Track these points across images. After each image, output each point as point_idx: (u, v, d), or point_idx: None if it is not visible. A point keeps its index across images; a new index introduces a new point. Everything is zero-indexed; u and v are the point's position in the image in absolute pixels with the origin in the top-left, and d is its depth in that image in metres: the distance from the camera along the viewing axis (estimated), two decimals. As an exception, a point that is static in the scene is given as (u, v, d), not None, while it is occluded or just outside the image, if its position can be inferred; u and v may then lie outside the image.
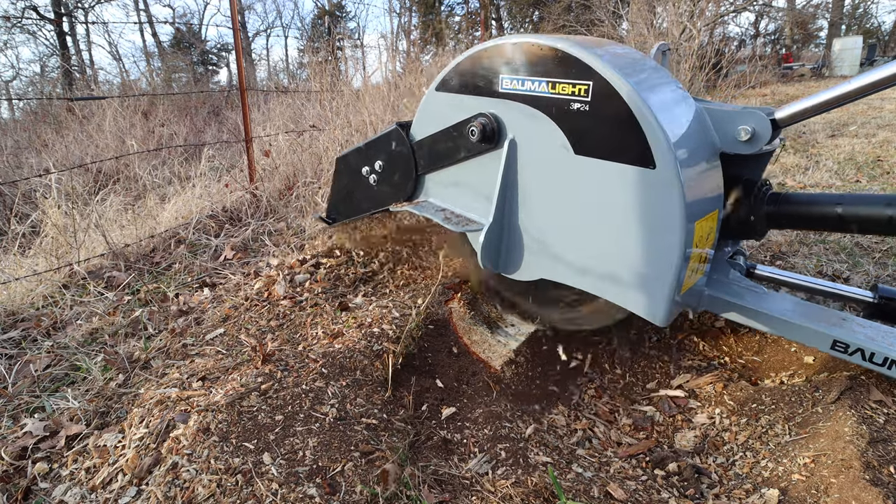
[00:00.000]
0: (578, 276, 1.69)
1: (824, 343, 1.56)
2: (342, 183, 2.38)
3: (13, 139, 7.73)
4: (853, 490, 1.28)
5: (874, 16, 32.44)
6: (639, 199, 1.47)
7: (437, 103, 1.93)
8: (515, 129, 1.72)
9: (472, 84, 1.80)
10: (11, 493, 1.41)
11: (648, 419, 1.85)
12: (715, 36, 11.91)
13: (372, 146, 2.18)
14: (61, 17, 20.10)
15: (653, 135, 1.40)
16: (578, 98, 1.52)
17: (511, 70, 1.68)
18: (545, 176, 1.69)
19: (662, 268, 1.47)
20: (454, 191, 1.99)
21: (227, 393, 1.62)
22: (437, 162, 2.00)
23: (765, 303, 1.68)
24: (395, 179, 2.14)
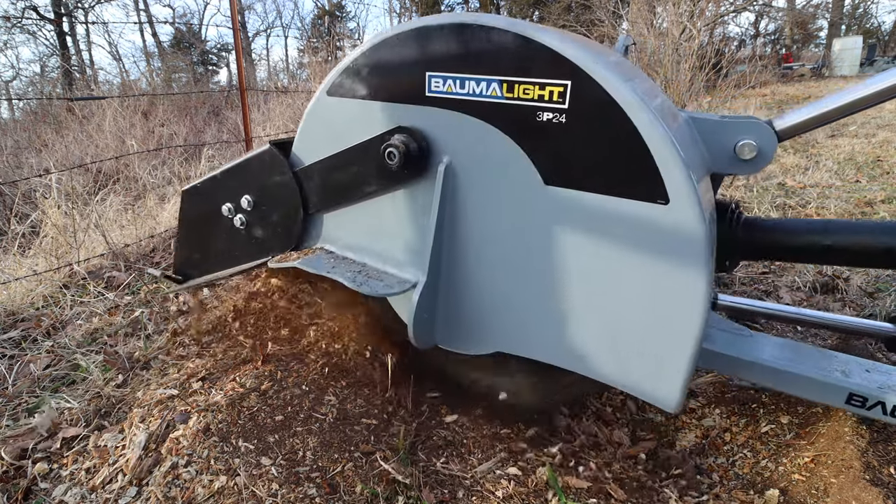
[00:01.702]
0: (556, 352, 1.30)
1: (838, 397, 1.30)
2: (195, 226, 1.74)
3: (13, 139, 7.73)
4: (853, 490, 1.28)
5: (874, 16, 32.46)
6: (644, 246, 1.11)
7: (332, 114, 1.40)
8: (453, 150, 1.26)
9: (384, 86, 1.30)
10: (11, 493, 1.41)
11: (649, 420, 1.85)
12: (715, 36, 11.92)
13: (235, 175, 1.57)
14: (61, 17, 20.11)
15: (665, 156, 1.04)
16: (549, 105, 1.11)
17: (443, 65, 1.20)
18: (501, 214, 1.26)
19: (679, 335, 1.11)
20: (365, 237, 1.47)
21: (227, 393, 1.62)
22: (336, 197, 1.46)
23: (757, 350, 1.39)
24: (272, 222, 1.56)
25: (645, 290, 1.14)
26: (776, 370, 1.35)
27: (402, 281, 1.38)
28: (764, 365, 1.36)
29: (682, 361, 1.13)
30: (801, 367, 1.34)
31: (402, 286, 1.36)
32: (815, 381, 1.32)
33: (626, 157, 1.08)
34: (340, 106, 1.38)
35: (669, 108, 1.25)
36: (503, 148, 1.20)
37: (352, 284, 1.36)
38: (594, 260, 1.18)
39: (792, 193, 4.03)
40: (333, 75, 1.38)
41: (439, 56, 1.21)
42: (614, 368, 1.23)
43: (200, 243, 1.76)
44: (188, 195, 1.71)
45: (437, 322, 1.44)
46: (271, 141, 1.53)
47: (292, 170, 1.50)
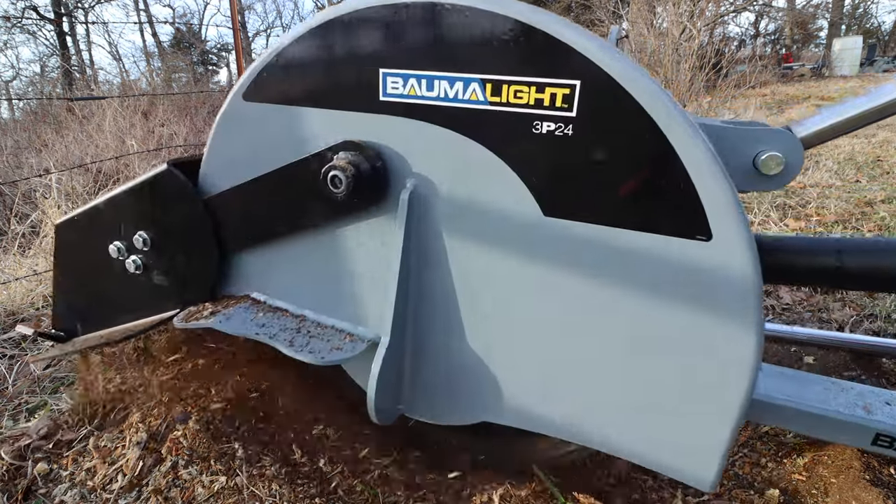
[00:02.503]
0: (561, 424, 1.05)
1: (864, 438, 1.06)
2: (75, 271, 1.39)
3: (13, 139, 7.73)
4: (853, 490, 1.28)
5: (874, 16, 32.48)
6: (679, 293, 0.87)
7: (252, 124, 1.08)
8: (419, 172, 0.98)
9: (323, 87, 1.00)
10: (11, 493, 1.41)
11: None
12: (715, 36, 11.92)
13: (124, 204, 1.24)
14: (61, 17, 20.12)
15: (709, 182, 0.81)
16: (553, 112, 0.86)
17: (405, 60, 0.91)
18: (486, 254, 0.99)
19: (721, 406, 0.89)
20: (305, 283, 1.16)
21: (227, 393, 1.62)
22: (261, 233, 1.15)
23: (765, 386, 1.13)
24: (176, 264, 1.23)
25: (680, 349, 0.90)
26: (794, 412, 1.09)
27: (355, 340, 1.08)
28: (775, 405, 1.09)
29: (723, 436, 0.91)
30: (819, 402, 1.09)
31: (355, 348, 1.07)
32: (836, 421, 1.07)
33: (655, 181, 0.84)
34: (263, 114, 1.05)
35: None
36: (488, 169, 0.92)
37: (289, 350, 1.08)
38: (612, 312, 0.93)
39: (792, 193, 4.03)
40: (251, 73, 1.04)
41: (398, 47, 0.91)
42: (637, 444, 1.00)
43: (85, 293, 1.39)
44: (63, 230, 1.34)
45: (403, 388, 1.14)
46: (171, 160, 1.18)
47: (201, 197, 1.16)
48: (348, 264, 1.09)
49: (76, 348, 1.48)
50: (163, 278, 1.26)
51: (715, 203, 0.81)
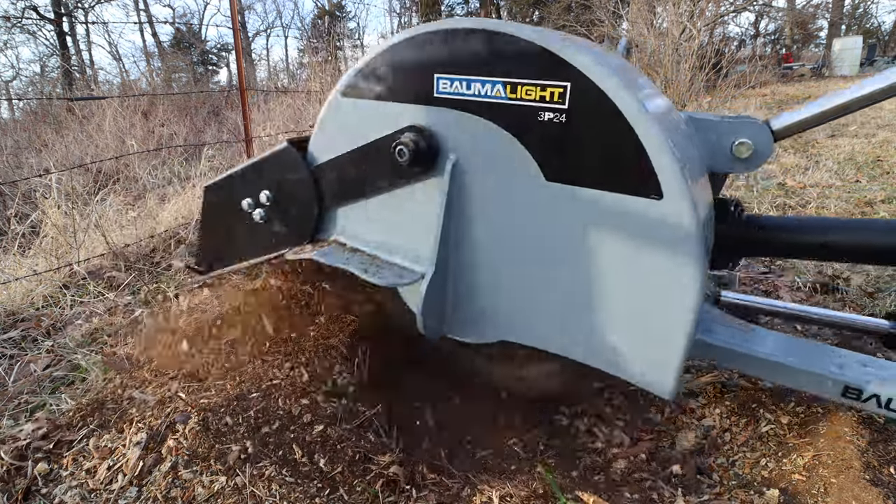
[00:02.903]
0: (556, 340, 1.34)
1: (835, 390, 1.31)
2: (216, 220, 1.80)
3: (13, 139, 7.73)
4: (853, 490, 1.28)
5: (874, 16, 32.46)
6: (639, 240, 1.15)
7: (347, 114, 1.45)
8: (460, 148, 1.31)
9: (395, 87, 1.36)
10: (11, 493, 1.41)
11: (649, 420, 1.85)
12: (715, 36, 11.92)
13: (254, 171, 1.64)
14: (61, 17, 20.11)
15: (659, 154, 1.08)
16: (551, 105, 1.16)
17: (451, 67, 1.26)
18: (505, 209, 1.30)
19: (672, 326, 1.16)
20: (376, 230, 1.51)
21: (227, 393, 1.62)
22: (349, 192, 1.51)
23: (756, 344, 1.40)
24: (290, 216, 1.62)
25: (641, 281, 1.18)
26: (773, 363, 1.37)
27: (411, 272, 1.43)
28: (761, 358, 1.38)
29: (676, 350, 1.18)
30: (798, 360, 1.36)
31: (412, 277, 1.41)
32: (811, 374, 1.33)
33: (622, 155, 1.13)
34: (354, 106, 1.44)
35: (668, 108, 1.28)
36: (507, 146, 1.25)
37: (363, 275, 1.42)
38: (592, 252, 1.22)
39: (792, 193, 4.03)
40: (347, 77, 1.44)
41: (446, 59, 1.27)
42: (612, 357, 1.27)
43: (222, 237, 1.82)
44: (209, 191, 1.77)
45: (445, 312, 1.48)
46: (289, 140, 1.57)
47: (308, 167, 1.55)
48: (407, 216, 1.43)
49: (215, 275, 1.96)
50: (279, 225, 1.65)
51: (665, 172, 1.09)
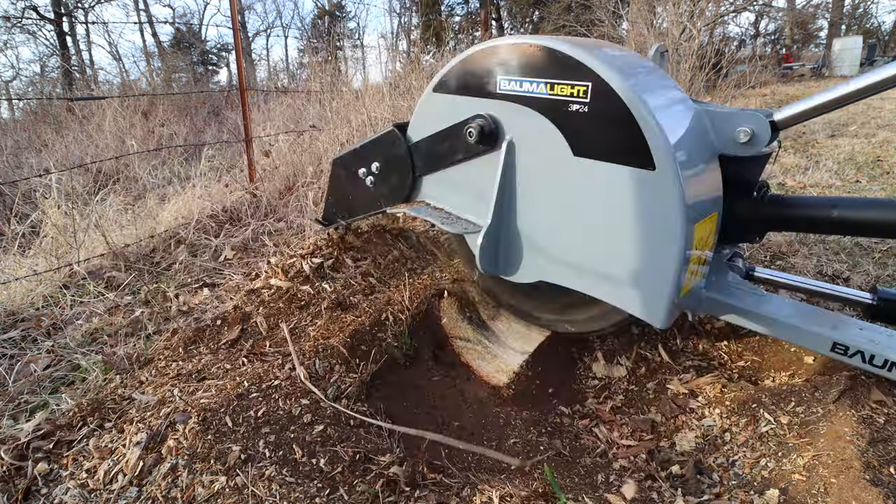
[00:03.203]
0: (577, 279, 1.67)
1: (824, 345, 1.54)
2: (339, 185, 2.35)
3: (13, 139, 7.73)
4: (853, 490, 1.28)
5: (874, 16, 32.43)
6: (638, 202, 1.45)
7: (435, 105, 1.89)
8: (513, 131, 1.70)
9: (469, 85, 1.77)
10: (11, 493, 1.41)
11: (649, 420, 1.85)
12: (715, 36, 11.92)
13: (368, 148, 2.14)
14: (61, 17, 20.11)
15: (652, 136, 1.39)
16: (577, 99, 1.51)
17: (508, 71, 1.65)
18: (544, 177, 1.67)
19: (662, 270, 1.45)
20: (452, 192, 1.95)
21: (227, 393, 1.62)
22: (434, 163, 1.96)
23: (764, 305, 1.65)
24: (392, 181, 2.11)
25: (641, 234, 1.48)
26: (775, 320, 1.61)
27: (474, 225, 1.86)
28: (767, 317, 1.62)
29: (667, 288, 1.47)
30: (798, 320, 1.59)
31: (474, 228, 1.84)
32: (805, 331, 1.57)
33: (626, 136, 1.43)
34: (441, 99, 1.87)
35: (672, 100, 1.53)
36: (546, 129, 1.60)
37: (441, 225, 1.90)
38: (606, 210, 1.54)
39: (792, 193, 4.03)
40: (438, 77, 1.88)
41: (506, 65, 1.66)
42: (620, 293, 1.58)
43: (342, 198, 2.38)
44: (336, 163, 2.32)
45: (497, 256, 1.84)
46: (394, 123, 2.06)
47: (406, 144, 2.02)
48: (473, 182, 1.85)
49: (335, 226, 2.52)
50: (384, 189, 2.16)
51: (657, 150, 1.39)
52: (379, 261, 2.70)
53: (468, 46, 1.90)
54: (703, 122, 1.54)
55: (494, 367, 2.02)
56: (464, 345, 2.10)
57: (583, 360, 2.16)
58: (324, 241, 2.66)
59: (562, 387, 2.03)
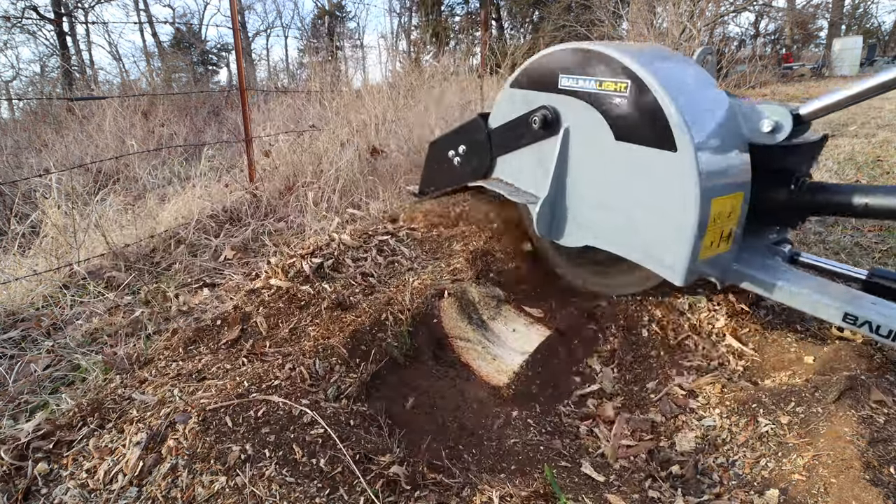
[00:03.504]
0: (615, 243, 1.97)
1: (836, 315, 1.68)
2: (433, 164, 2.80)
3: (13, 139, 7.72)
4: (853, 490, 1.28)
5: (874, 16, 32.43)
6: (663, 178, 1.72)
7: (511, 97, 2.23)
8: (570, 119, 2.00)
9: (537, 81, 2.10)
10: (11, 494, 1.41)
11: (649, 420, 1.85)
12: (715, 36, 11.91)
13: (457, 133, 2.58)
14: (61, 17, 20.10)
15: (675, 124, 1.65)
16: (619, 93, 1.80)
17: (568, 71, 1.97)
18: (591, 158, 1.97)
19: (681, 235, 1.70)
20: (519, 170, 2.31)
21: (227, 393, 1.62)
22: (507, 146, 2.33)
23: (785, 278, 1.82)
24: (474, 161, 2.51)
25: (665, 205, 1.73)
26: (791, 290, 1.77)
27: (534, 196, 2.18)
28: (781, 286, 1.79)
29: (685, 250, 1.70)
30: (813, 291, 1.74)
31: (535, 199, 2.15)
32: (818, 301, 1.71)
33: (656, 124, 1.70)
34: (515, 93, 2.20)
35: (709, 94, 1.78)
36: (596, 119, 1.88)
37: (508, 195, 2.27)
38: (639, 184, 1.80)
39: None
40: (514, 75, 2.20)
41: (566, 65, 1.97)
42: (648, 254, 1.85)
43: (435, 174, 2.80)
44: (432, 146, 2.77)
45: (552, 223, 2.15)
46: (479, 113, 2.42)
47: (487, 130, 2.37)
48: (536, 162, 2.18)
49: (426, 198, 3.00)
50: (468, 168, 2.55)
51: (679, 136, 1.65)
52: (379, 260, 2.70)
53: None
54: (735, 113, 1.77)
55: (494, 367, 2.02)
56: (464, 345, 2.10)
57: (583, 360, 2.16)
58: (324, 242, 2.66)
59: (562, 387, 2.04)
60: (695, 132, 1.62)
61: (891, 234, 3.13)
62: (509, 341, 2.17)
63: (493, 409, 1.81)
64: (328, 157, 4.34)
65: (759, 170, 1.78)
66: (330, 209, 3.74)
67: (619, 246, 1.95)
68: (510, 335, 2.20)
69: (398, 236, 2.92)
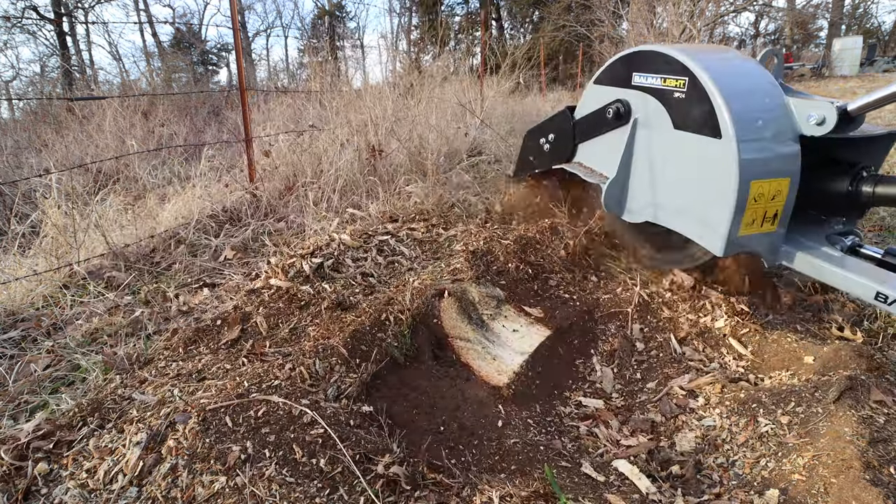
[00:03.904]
0: (670, 218, 2.19)
1: (869, 293, 1.78)
2: (527, 149, 3.15)
3: (13, 139, 7.72)
4: (853, 490, 1.28)
5: (874, 16, 32.42)
6: (710, 161, 1.91)
7: (593, 92, 2.54)
8: (638, 111, 2.27)
9: (616, 79, 2.38)
10: (11, 494, 1.41)
11: (649, 420, 1.85)
12: (715, 36, 11.90)
13: (548, 123, 2.91)
14: (61, 17, 20.10)
15: (721, 114, 1.85)
16: (679, 89, 2.03)
17: (640, 69, 2.23)
18: (653, 144, 2.21)
19: (722, 211, 1.88)
20: (595, 155, 2.62)
21: (227, 393, 1.62)
22: (587, 134, 2.63)
23: (828, 260, 1.93)
24: (560, 147, 2.83)
25: (711, 184, 1.93)
26: (830, 270, 1.88)
27: (606, 178, 2.42)
28: (821, 266, 1.90)
29: (724, 224, 1.88)
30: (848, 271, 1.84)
31: (606, 180, 2.39)
32: (852, 280, 1.82)
33: (706, 115, 1.91)
34: (597, 89, 2.50)
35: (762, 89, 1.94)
36: (659, 110, 2.14)
37: (586, 177, 2.58)
38: (692, 165, 2.01)
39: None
40: (598, 73, 2.50)
41: (638, 64, 2.24)
42: (695, 229, 2.05)
43: (528, 158, 3.16)
44: (527, 135, 3.11)
45: (621, 201, 2.40)
46: (567, 106, 2.76)
47: (572, 121, 2.69)
48: (609, 148, 2.43)
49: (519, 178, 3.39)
50: (554, 153, 2.88)
51: (724, 125, 1.85)
52: (379, 260, 2.70)
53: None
54: (788, 107, 1.91)
55: (495, 367, 2.02)
56: (464, 345, 2.10)
57: (583, 360, 2.16)
58: (324, 242, 2.66)
59: (562, 387, 2.03)
60: (737, 121, 1.81)
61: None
62: (509, 341, 2.17)
63: (493, 409, 1.81)
64: (328, 157, 4.33)
65: (813, 160, 1.90)
66: (330, 209, 3.74)
67: (672, 221, 2.17)
68: (510, 335, 2.20)
69: (398, 236, 2.93)
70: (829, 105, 1.82)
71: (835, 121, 1.79)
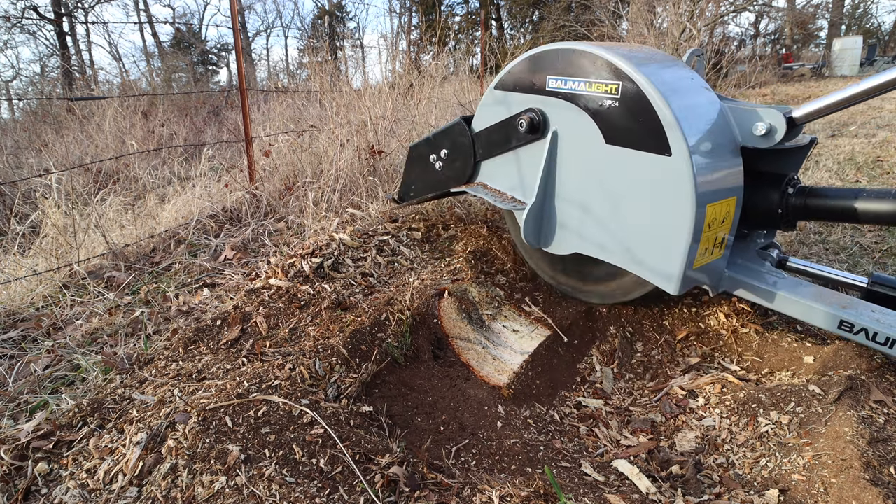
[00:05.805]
0: (606, 251, 1.89)
1: (832, 323, 1.67)
2: (413, 168, 2.66)
3: (13, 139, 7.72)
4: (853, 490, 1.28)
5: (874, 16, 32.44)
6: (657, 183, 1.66)
7: (495, 100, 2.17)
8: (558, 123, 1.94)
9: (523, 83, 2.03)
10: (11, 494, 1.41)
11: (649, 420, 1.85)
12: (715, 36, 11.91)
13: (439, 137, 2.45)
14: (61, 17, 20.10)
15: (669, 127, 1.59)
16: (610, 95, 1.73)
17: (556, 72, 1.90)
18: (580, 163, 1.90)
19: (676, 243, 1.64)
20: (504, 175, 2.22)
21: (227, 393, 1.62)
22: (492, 150, 2.24)
23: (780, 286, 1.80)
24: (456, 165, 2.41)
25: (659, 211, 1.67)
26: (788, 298, 1.75)
27: (521, 203, 2.10)
28: (781, 295, 1.76)
29: (679, 259, 1.65)
30: (808, 298, 1.72)
31: (521, 206, 2.07)
32: (814, 308, 1.70)
33: (649, 128, 1.63)
34: (500, 95, 2.13)
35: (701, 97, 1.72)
36: (585, 121, 1.82)
37: (494, 202, 2.18)
38: (631, 190, 1.74)
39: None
40: (498, 77, 2.14)
41: (554, 66, 1.90)
42: (641, 263, 1.78)
43: (414, 179, 2.67)
44: (412, 149, 2.62)
45: (540, 230, 2.08)
46: (462, 116, 2.34)
47: (470, 134, 2.29)
48: (522, 166, 2.10)
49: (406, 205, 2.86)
50: (450, 172, 2.44)
51: (673, 140, 1.59)
52: (379, 260, 2.70)
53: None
54: (727, 116, 1.73)
55: (495, 367, 2.02)
56: (464, 345, 2.10)
57: (583, 360, 2.16)
58: (324, 241, 2.66)
59: (562, 387, 2.03)
60: (689, 135, 1.56)
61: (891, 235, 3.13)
62: (509, 341, 2.17)
63: (493, 409, 1.81)
64: (328, 157, 4.33)
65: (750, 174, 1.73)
66: (330, 209, 3.74)
67: (610, 254, 1.87)
68: (510, 335, 2.20)
69: (398, 236, 2.93)
70: (777, 113, 1.64)
71: (784, 130, 1.63)
